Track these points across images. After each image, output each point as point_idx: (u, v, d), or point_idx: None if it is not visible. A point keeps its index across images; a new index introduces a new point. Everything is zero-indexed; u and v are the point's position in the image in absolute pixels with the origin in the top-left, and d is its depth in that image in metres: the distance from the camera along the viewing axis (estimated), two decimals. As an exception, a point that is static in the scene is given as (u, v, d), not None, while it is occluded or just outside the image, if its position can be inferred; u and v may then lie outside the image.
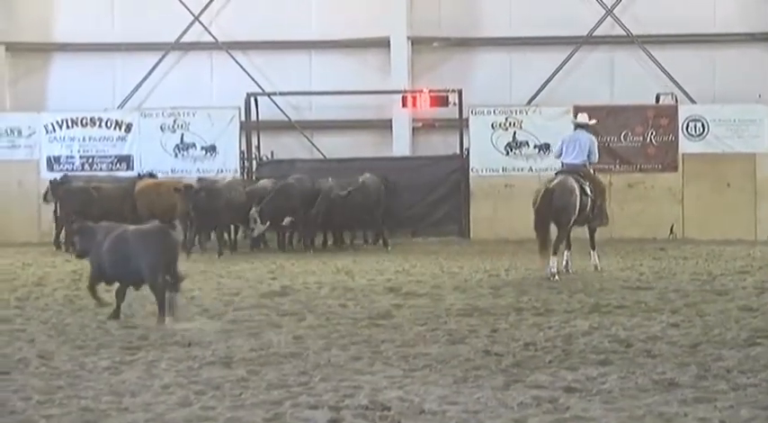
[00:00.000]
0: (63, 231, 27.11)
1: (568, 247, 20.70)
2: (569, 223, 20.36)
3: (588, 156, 20.96)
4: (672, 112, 28.30)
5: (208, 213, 24.64)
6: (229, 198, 25.28)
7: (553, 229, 20.19)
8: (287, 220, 25.44)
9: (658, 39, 30.58)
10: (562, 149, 21.14)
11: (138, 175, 27.83)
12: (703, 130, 27.90)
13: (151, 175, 27.71)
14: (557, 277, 19.35)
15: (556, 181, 20.46)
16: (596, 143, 21.31)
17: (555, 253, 19.92)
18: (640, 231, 27.07)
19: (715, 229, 27.18)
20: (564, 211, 20.16)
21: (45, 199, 27.47)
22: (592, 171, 21.35)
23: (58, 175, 28.04)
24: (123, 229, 15.48)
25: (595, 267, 20.65)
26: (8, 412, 9.72)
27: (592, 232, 21.19)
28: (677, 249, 24.81)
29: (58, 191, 26.77)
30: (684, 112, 28.28)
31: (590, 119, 21.74)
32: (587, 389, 10.35)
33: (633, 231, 26.99)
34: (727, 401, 9.77)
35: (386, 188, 27.03)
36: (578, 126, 21.46)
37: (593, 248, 21.04)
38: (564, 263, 20.50)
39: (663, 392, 10.18)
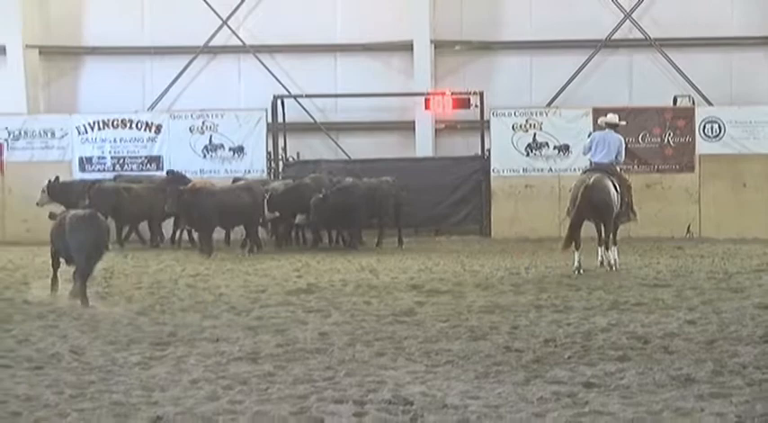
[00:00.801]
0: None
1: (603, 243, 20.87)
2: (612, 217, 20.69)
3: (616, 155, 21.15)
4: (689, 113, 28.25)
5: (193, 215, 24.29)
6: (222, 200, 24.61)
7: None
8: (300, 217, 25.40)
9: (676, 42, 30.52)
10: (591, 147, 21.30)
11: (168, 172, 27.77)
12: (720, 131, 27.85)
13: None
14: (581, 271, 19.69)
15: (594, 179, 20.54)
16: (624, 144, 21.46)
17: (608, 248, 20.51)
18: (658, 230, 27.01)
19: (731, 228, 27.13)
20: (606, 206, 20.46)
21: (39, 202, 27.42)
22: (617, 170, 21.45)
23: (91, 176, 28.27)
24: (65, 213, 17.53)
25: (614, 262, 20.63)
26: (42, 406, 9.77)
27: (615, 229, 21.21)
28: (694, 248, 24.76)
29: (85, 191, 26.85)
30: (701, 113, 28.23)
31: (619, 120, 21.82)
32: (606, 384, 10.36)
33: (651, 230, 26.91)
34: (743, 397, 9.76)
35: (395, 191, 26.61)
36: (608, 126, 21.57)
37: (615, 244, 21.01)
38: (611, 258, 20.66)
39: (680, 388, 10.18)
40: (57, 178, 27.42)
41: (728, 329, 13.40)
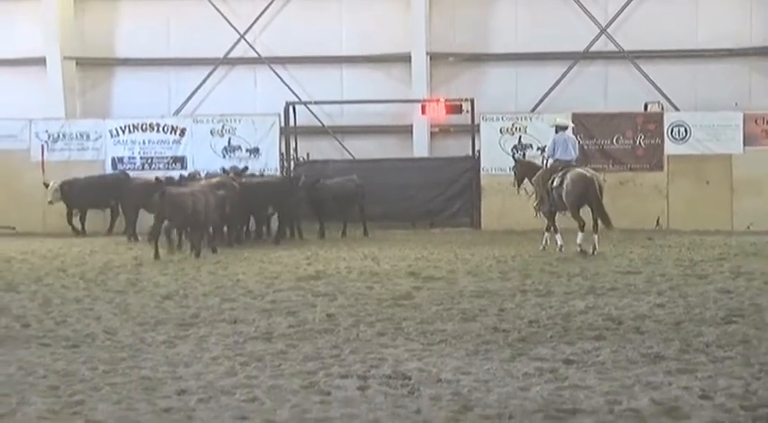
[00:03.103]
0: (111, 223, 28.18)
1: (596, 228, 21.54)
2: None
3: (576, 153, 22.29)
4: (658, 118, 28.19)
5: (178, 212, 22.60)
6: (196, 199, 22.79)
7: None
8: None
9: (647, 54, 30.56)
10: (554, 148, 22.08)
11: (180, 176, 27.10)
12: (686, 134, 27.81)
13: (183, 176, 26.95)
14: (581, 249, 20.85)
15: (591, 173, 21.75)
16: (578, 143, 22.73)
17: (596, 231, 21.31)
18: (630, 223, 26.94)
19: (696, 221, 27.10)
20: (601, 194, 21.50)
21: (52, 200, 27.55)
22: None
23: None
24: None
25: (580, 247, 21.14)
26: (78, 380, 9.77)
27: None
28: (663, 239, 24.73)
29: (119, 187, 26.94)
30: (669, 118, 28.18)
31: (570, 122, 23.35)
32: (583, 361, 10.34)
33: (624, 223, 26.79)
34: (707, 372, 9.75)
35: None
36: (562, 128, 22.42)
37: (583, 231, 21.45)
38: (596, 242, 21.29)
39: (650, 364, 10.16)
40: (61, 182, 27.62)
41: (694, 312, 13.38)
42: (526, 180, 23.34)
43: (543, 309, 13.83)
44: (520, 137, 28.29)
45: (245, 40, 31.53)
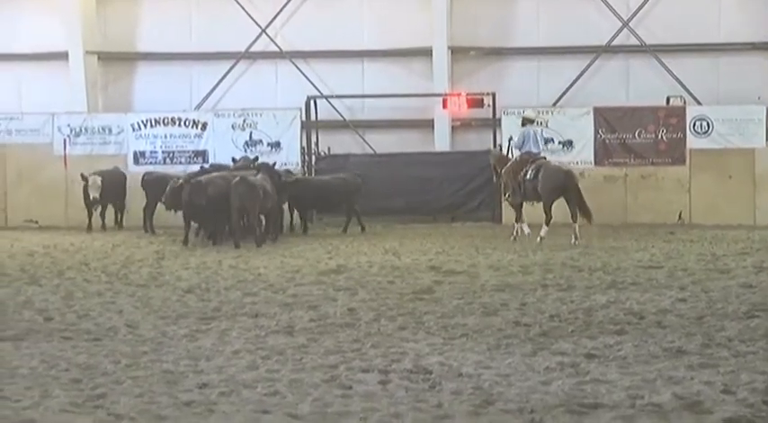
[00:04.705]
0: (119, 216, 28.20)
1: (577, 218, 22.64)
2: None
3: (541, 146, 24.04)
4: (680, 112, 28.11)
5: (192, 207, 22.92)
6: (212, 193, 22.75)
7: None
8: None
9: (669, 48, 30.41)
10: (523, 141, 23.44)
11: (201, 167, 27.13)
12: (708, 128, 27.70)
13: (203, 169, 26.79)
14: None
15: (564, 166, 23.46)
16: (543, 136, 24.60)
17: (575, 221, 22.37)
18: (652, 217, 26.93)
19: (718, 215, 27.01)
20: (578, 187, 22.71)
21: (96, 196, 27.21)
22: None
23: (146, 168, 28.18)
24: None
25: (541, 238, 22.44)
26: (100, 374, 9.80)
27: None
28: (685, 233, 24.67)
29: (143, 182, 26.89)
30: (691, 112, 28.08)
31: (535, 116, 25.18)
32: (605, 355, 10.32)
33: (646, 217, 26.89)
34: (729, 367, 9.72)
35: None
36: (530, 121, 23.99)
37: (548, 225, 22.76)
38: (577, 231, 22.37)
39: (672, 359, 10.14)
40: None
41: (716, 306, 13.34)
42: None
43: (564, 303, 13.82)
44: (541, 131, 28.22)
45: (266, 34, 31.55)
